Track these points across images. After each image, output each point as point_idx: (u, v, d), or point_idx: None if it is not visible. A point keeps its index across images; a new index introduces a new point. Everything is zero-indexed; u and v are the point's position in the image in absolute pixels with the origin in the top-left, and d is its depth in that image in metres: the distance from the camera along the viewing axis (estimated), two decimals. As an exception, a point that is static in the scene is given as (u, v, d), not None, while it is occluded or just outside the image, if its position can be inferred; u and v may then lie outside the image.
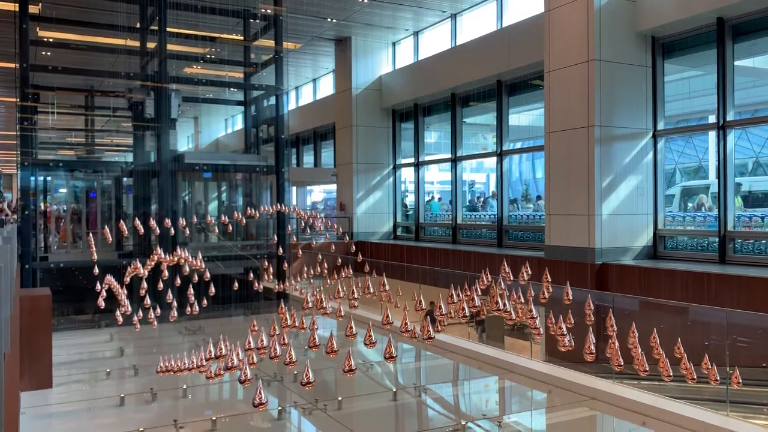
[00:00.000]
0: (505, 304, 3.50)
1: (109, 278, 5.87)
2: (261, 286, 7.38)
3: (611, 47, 11.27)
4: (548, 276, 3.77)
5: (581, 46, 11.33)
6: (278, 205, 9.01)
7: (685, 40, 11.50)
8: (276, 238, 10.69)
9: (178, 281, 6.24)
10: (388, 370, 8.92)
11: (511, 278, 3.78)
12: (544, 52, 12.21)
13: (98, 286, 5.97)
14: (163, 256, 5.67)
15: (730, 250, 10.56)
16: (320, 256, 7.17)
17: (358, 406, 7.20)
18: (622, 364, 3.56)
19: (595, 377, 7.00)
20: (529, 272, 3.84)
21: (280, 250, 9.99)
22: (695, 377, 3.51)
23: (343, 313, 4.20)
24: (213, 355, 3.84)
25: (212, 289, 5.84)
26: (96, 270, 6.06)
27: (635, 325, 3.60)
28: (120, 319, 6.05)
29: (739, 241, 10.57)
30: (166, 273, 5.88)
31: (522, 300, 3.72)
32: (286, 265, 10.17)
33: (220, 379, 4.40)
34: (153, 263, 5.73)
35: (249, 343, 3.51)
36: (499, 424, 6.46)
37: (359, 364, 8.86)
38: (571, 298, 3.70)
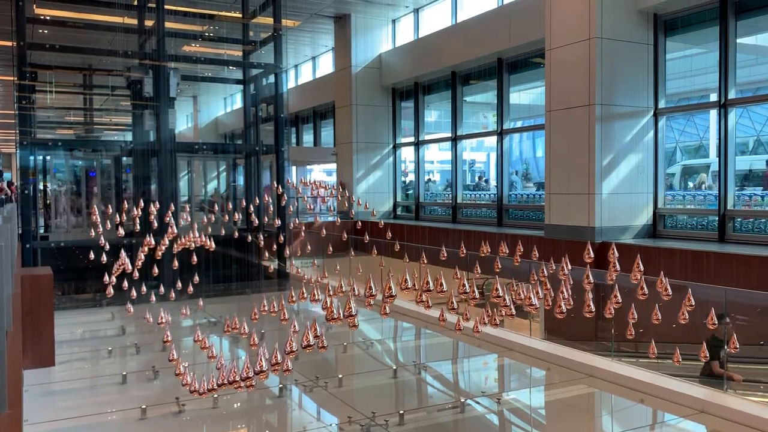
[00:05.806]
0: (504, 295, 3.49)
1: (122, 256, 5.70)
2: (272, 268, 7.31)
3: (613, 25, 11.17)
4: (590, 251, 3.76)
5: (582, 24, 11.23)
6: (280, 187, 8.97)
7: (688, 17, 11.39)
8: (292, 214, 10.61)
9: (176, 263, 6.22)
10: (388, 348, 8.99)
11: (569, 267, 3.76)
12: (545, 29, 12.10)
13: (104, 258, 5.88)
14: (176, 231, 5.62)
15: (730, 228, 10.58)
16: (346, 235, 7.17)
17: (359, 384, 7.27)
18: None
19: (593, 355, 7.06)
20: (591, 255, 3.83)
21: (289, 224, 9.95)
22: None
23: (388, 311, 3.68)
24: (265, 367, 3.48)
25: (212, 245, 5.72)
26: (103, 242, 5.95)
27: (636, 305, 3.64)
28: (131, 310, 5.87)
29: (739, 219, 10.58)
30: (176, 263, 5.86)
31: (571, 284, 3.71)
32: (300, 235, 10.12)
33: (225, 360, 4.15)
34: (167, 242, 5.69)
35: (291, 344, 3.32)
36: (498, 401, 6.52)
37: (359, 342, 8.92)
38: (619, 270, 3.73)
